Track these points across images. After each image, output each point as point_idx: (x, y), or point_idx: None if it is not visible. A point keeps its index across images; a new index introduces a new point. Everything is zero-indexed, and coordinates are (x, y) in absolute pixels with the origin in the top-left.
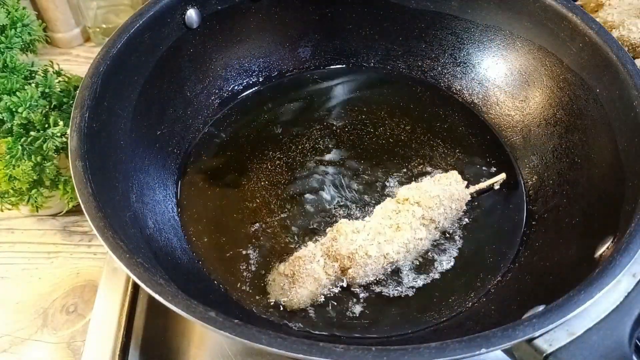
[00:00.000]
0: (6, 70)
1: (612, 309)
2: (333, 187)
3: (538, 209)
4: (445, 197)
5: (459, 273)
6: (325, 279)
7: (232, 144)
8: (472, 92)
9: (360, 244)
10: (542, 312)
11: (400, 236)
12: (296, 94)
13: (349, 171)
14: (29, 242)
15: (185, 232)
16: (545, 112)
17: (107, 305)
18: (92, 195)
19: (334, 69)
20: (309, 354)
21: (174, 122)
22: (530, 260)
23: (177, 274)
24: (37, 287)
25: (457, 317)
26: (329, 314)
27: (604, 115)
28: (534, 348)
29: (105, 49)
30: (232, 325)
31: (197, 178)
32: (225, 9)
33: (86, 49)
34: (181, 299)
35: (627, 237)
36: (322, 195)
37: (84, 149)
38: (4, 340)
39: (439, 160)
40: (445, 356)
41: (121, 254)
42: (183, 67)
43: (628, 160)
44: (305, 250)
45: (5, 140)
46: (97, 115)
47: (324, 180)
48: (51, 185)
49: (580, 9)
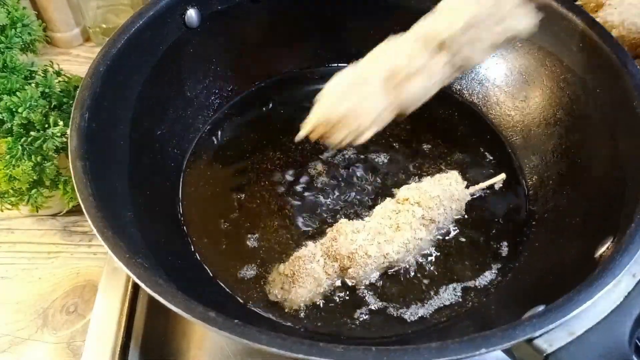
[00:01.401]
0: (6, 70)
1: (612, 309)
2: (333, 187)
3: (538, 209)
4: (445, 197)
5: (458, 273)
6: (325, 279)
7: (232, 144)
8: (472, 92)
9: (360, 244)
10: (542, 312)
11: (400, 236)
12: (296, 93)
13: (349, 171)
14: (29, 242)
15: (185, 232)
16: (545, 112)
17: (107, 305)
18: (92, 195)
19: (334, 69)
20: (309, 354)
21: (174, 122)
22: (530, 260)
23: (177, 274)
24: (37, 287)
25: (457, 317)
26: (329, 313)
27: (604, 115)
28: (534, 348)
29: (105, 49)
30: (232, 325)
31: (197, 178)
32: (225, 9)
33: (86, 49)
34: (181, 299)
35: (627, 238)
36: (322, 195)
37: (84, 149)
38: (4, 340)
39: (439, 160)
40: (445, 356)
41: (121, 254)
42: (183, 67)
43: (628, 160)
44: (305, 250)
45: (6, 140)
46: (97, 115)
47: (324, 180)
48: (51, 185)
49: (580, 8)
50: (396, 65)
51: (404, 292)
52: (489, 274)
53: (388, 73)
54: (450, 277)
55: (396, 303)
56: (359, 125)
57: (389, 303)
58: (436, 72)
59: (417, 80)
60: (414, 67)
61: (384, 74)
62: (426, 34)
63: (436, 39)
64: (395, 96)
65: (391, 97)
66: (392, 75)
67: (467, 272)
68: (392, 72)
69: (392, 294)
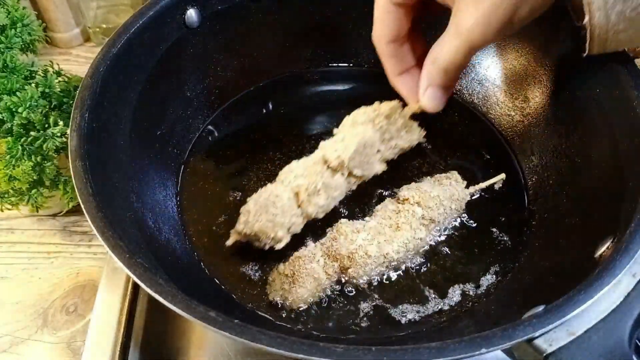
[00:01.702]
0: (6, 70)
1: (612, 309)
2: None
3: (538, 209)
4: (445, 197)
5: (458, 273)
6: (325, 279)
7: (232, 144)
8: (472, 92)
9: (360, 243)
10: (542, 312)
11: (400, 236)
12: (296, 94)
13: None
14: (29, 242)
15: (185, 232)
16: (545, 112)
17: (107, 305)
18: (92, 195)
19: (334, 69)
20: (309, 354)
21: (174, 122)
22: (531, 260)
23: (177, 274)
24: (37, 287)
25: (457, 317)
26: (329, 313)
27: (604, 115)
28: (534, 348)
29: (105, 49)
30: (232, 325)
31: (197, 178)
32: (225, 9)
33: (86, 49)
34: (181, 299)
35: (627, 237)
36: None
37: (84, 149)
38: (4, 340)
39: (438, 160)
40: (445, 356)
41: (121, 254)
42: (183, 67)
43: (628, 160)
44: (305, 250)
45: (6, 140)
46: (97, 115)
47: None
48: (51, 185)
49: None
50: (301, 184)
51: (403, 292)
52: (489, 274)
53: (296, 191)
54: (450, 277)
55: (396, 303)
56: (275, 234)
57: (389, 303)
58: (338, 186)
59: (322, 194)
60: (317, 184)
61: (291, 193)
62: (325, 157)
63: (334, 162)
64: (304, 209)
65: (300, 211)
66: (299, 192)
67: (467, 272)
68: (299, 190)
69: (392, 294)
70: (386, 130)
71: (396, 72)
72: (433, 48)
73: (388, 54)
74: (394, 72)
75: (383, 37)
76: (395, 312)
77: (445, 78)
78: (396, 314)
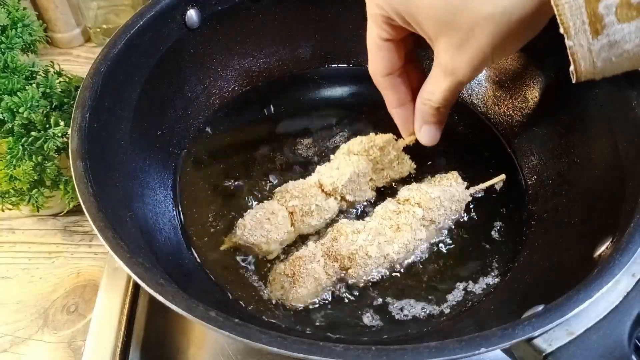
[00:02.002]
0: (7, 70)
1: (612, 308)
2: None
3: (538, 209)
4: (445, 198)
5: (458, 273)
6: (326, 279)
7: (233, 144)
8: (472, 92)
9: (360, 244)
10: (541, 312)
11: (400, 237)
12: (296, 94)
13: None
14: (30, 242)
15: (185, 232)
16: (545, 112)
17: (107, 305)
18: (92, 195)
19: (334, 69)
20: (309, 353)
21: (174, 122)
22: (530, 260)
23: (177, 274)
24: (37, 286)
25: (457, 317)
26: (329, 313)
27: (604, 115)
28: (534, 348)
29: (105, 49)
30: (232, 325)
31: (197, 178)
32: (225, 9)
33: (87, 49)
34: (181, 298)
35: (626, 237)
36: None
37: (84, 149)
38: (5, 340)
39: (439, 160)
40: (445, 356)
41: (122, 254)
42: (183, 68)
43: (628, 160)
44: (305, 250)
45: (6, 140)
46: (98, 116)
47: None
48: (52, 185)
49: None
50: (296, 205)
51: (404, 293)
52: (489, 274)
53: (290, 210)
54: (450, 277)
55: (396, 303)
56: (268, 248)
57: (389, 303)
58: (330, 209)
59: (314, 215)
60: (311, 206)
61: (286, 212)
62: (321, 182)
63: (328, 187)
64: (297, 227)
65: (293, 229)
66: (294, 212)
67: (467, 272)
68: (294, 210)
69: (392, 294)
70: (379, 161)
71: (394, 105)
72: (423, 88)
73: (384, 86)
74: (392, 104)
75: (377, 71)
76: (395, 312)
77: (438, 116)
78: (396, 313)
